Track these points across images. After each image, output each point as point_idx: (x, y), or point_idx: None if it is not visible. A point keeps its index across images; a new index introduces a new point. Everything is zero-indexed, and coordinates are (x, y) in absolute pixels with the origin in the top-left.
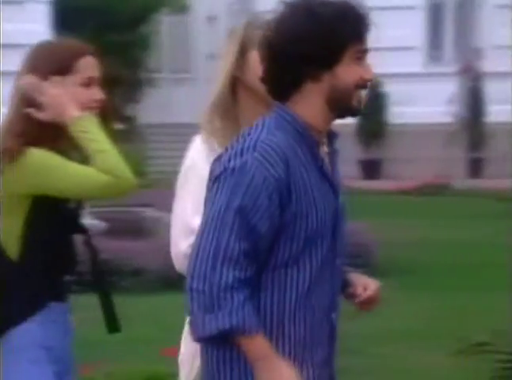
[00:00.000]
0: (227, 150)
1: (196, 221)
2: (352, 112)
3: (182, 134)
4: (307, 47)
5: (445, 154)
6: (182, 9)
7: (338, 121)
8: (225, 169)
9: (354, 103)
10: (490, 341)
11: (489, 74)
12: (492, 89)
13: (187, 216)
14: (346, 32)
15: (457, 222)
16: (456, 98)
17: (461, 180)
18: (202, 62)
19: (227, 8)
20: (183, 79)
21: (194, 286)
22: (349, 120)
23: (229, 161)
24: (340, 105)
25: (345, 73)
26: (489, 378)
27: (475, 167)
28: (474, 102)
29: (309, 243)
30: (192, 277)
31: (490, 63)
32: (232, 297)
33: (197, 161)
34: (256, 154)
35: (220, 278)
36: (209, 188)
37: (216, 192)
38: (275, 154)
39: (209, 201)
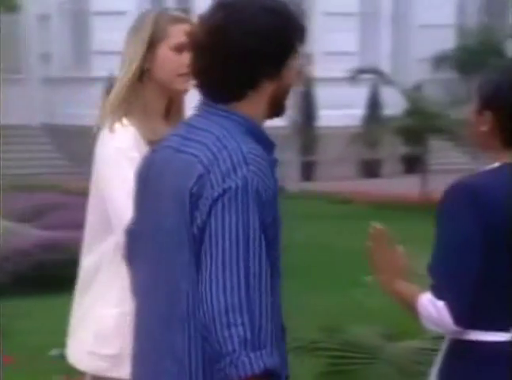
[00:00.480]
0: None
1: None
2: (282, 113)
3: (13, 136)
4: (267, 44)
5: (279, 157)
6: (13, 8)
7: None
8: (225, 190)
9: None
10: (320, 339)
11: (320, 80)
12: (323, 94)
13: (122, 205)
14: (295, 31)
15: (291, 224)
16: (290, 102)
17: (294, 183)
18: (34, 63)
19: (58, 7)
20: (15, 80)
21: None
22: None
23: (224, 181)
24: (280, 105)
25: (288, 72)
26: (319, 373)
27: (308, 170)
28: (306, 107)
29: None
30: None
31: (320, 69)
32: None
33: (125, 147)
34: (251, 168)
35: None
36: (191, 211)
37: (223, 217)
38: (264, 164)
39: (213, 227)
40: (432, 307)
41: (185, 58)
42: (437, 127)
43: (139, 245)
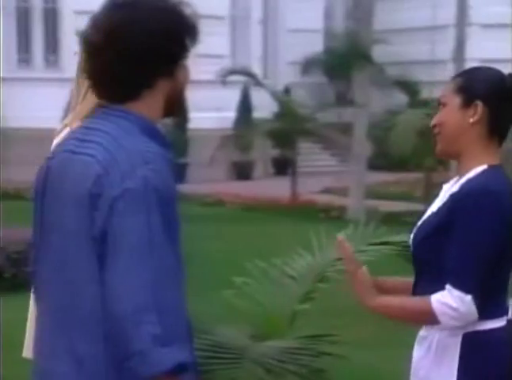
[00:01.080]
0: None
1: None
2: (179, 113)
3: None
4: (162, 43)
5: None
6: None
7: None
8: (125, 190)
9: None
10: None
11: (191, 82)
12: (194, 97)
13: None
14: (188, 30)
15: None
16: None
17: None
18: None
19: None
20: None
21: None
22: None
23: (123, 181)
24: (175, 104)
25: (181, 71)
26: None
27: (180, 172)
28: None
29: None
30: None
31: (191, 71)
32: None
33: None
34: (150, 166)
35: None
36: (90, 211)
37: (126, 217)
38: (163, 163)
39: (117, 228)
40: (460, 302)
41: None
42: (305, 130)
43: (42, 251)
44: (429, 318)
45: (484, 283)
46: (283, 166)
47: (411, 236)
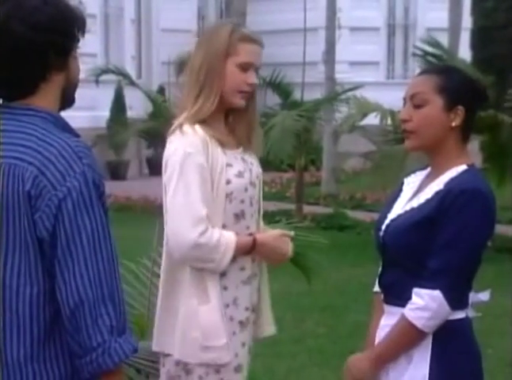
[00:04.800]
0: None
1: (204, 209)
2: (71, 105)
3: None
4: (52, 35)
5: None
6: None
7: None
8: (69, 189)
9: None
10: None
11: None
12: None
13: (194, 205)
14: (77, 21)
15: None
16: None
17: None
18: None
19: None
20: None
21: None
22: None
23: (65, 180)
24: (71, 96)
25: (73, 63)
26: None
27: None
28: None
29: None
30: None
31: None
32: None
33: (192, 151)
34: (85, 161)
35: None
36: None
37: (76, 216)
38: (92, 156)
39: (68, 227)
40: (429, 299)
41: (249, 76)
42: None
43: None
44: (413, 332)
45: (461, 279)
46: (158, 166)
47: (382, 228)
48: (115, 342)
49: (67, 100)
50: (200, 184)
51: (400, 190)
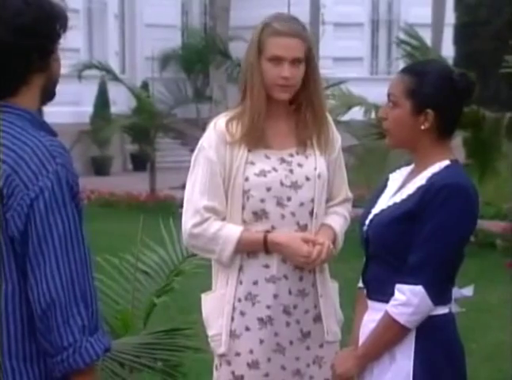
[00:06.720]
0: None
1: (202, 202)
2: (51, 99)
3: None
4: (35, 38)
5: None
6: None
7: None
8: (42, 189)
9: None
10: None
11: None
12: None
13: (194, 197)
14: (59, 20)
15: None
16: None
17: None
18: None
19: None
20: None
21: None
22: None
23: (37, 179)
24: (51, 93)
25: (54, 61)
26: None
27: None
28: None
29: None
30: None
31: None
32: None
33: (205, 146)
34: (58, 161)
35: None
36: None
37: (47, 215)
38: (67, 155)
39: (40, 227)
40: (411, 295)
41: (282, 70)
42: (163, 126)
43: None
44: (396, 328)
45: (443, 274)
46: (142, 162)
47: (366, 223)
48: (86, 342)
49: (47, 96)
50: (207, 178)
51: (385, 186)
